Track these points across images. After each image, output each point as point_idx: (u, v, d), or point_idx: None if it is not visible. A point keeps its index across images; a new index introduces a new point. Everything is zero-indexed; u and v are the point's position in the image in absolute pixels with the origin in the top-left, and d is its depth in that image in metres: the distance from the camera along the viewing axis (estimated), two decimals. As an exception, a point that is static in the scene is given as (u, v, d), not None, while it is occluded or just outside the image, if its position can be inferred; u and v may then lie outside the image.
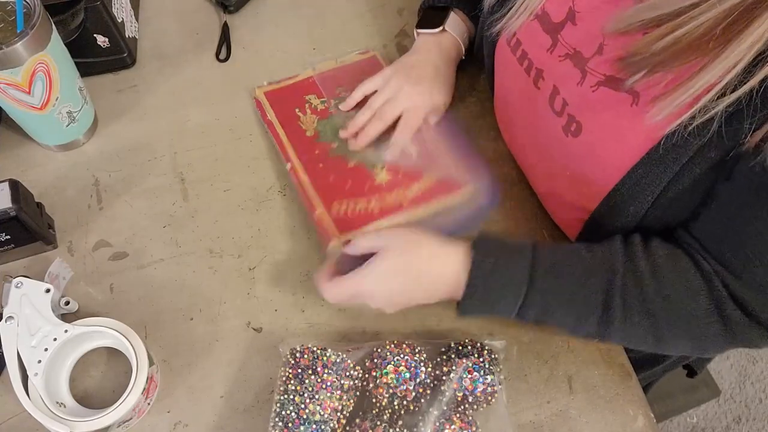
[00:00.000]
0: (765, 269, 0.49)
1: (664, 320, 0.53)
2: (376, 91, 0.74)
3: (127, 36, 0.80)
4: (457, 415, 0.56)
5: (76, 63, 0.71)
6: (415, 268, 0.58)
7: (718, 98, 0.44)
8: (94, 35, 0.76)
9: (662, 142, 0.49)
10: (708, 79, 0.43)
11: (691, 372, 0.96)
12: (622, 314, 0.54)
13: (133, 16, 0.84)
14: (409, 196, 0.69)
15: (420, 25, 0.77)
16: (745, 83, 0.42)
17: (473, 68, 0.80)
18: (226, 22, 0.86)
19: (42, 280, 0.59)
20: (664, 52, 0.44)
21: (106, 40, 0.77)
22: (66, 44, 0.68)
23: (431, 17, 0.77)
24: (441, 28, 0.75)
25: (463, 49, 0.78)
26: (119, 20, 0.79)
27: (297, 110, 0.77)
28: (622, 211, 0.56)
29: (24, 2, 0.63)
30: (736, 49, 0.40)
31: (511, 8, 0.61)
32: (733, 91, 0.43)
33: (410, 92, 0.72)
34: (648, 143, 0.51)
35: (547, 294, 0.56)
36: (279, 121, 0.76)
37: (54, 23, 0.65)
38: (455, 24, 0.76)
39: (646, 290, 0.54)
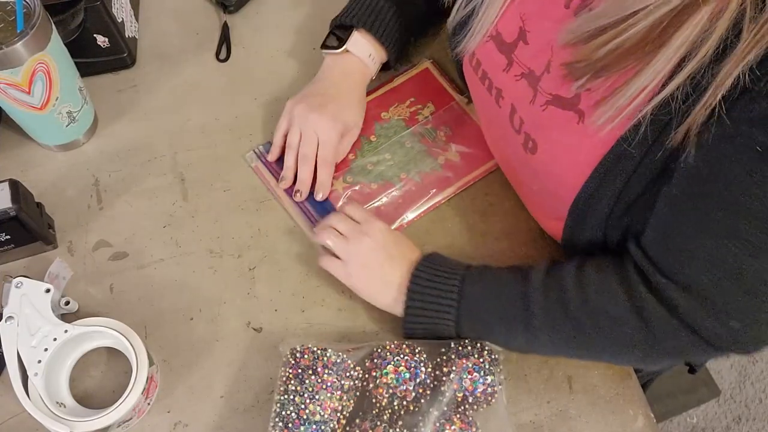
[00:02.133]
0: (698, 274, 0.49)
1: (586, 326, 0.54)
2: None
3: (127, 36, 0.80)
4: (457, 416, 0.56)
5: (76, 63, 0.71)
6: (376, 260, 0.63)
7: (648, 102, 0.46)
8: (94, 35, 0.76)
9: (606, 156, 0.51)
10: (642, 81, 0.45)
11: (692, 369, 0.96)
12: (544, 318, 0.55)
13: (133, 16, 0.84)
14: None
15: (323, 44, 0.76)
16: (667, 86, 0.45)
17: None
18: (226, 22, 0.86)
19: (42, 280, 0.59)
20: (606, 58, 0.46)
21: (106, 40, 0.77)
22: (66, 44, 0.68)
23: (336, 37, 0.76)
24: (342, 48, 0.74)
25: (372, 70, 0.77)
26: (119, 20, 0.78)
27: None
28: (586, 223, 0.57)
29: (24, 2, 0.63)
30: (666, 52, 0.43)
31: (470, 29, 0.62)
32: (658, 94, 0.45)
33: (317, 120, 0.71)
34: (596, 158, 0.52)
35: (475, 302, 0.58)
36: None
37: (54, 23, 0.65)
38: (359, 44, 0.74)
39: (566, 296, 0.55)
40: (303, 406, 0.54)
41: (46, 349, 0.56)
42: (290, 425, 0.54)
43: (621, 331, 0.53)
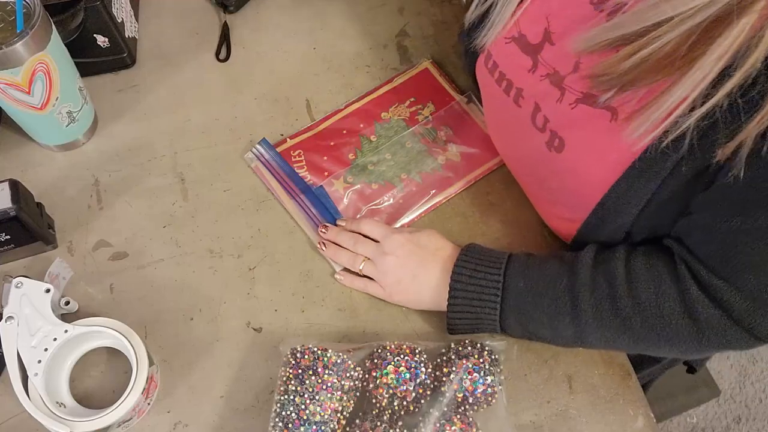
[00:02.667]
0: (755, 278, 0.50)
1: (635, 321, 0.54)
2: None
3: (127, 36, 0.80)
4: (458, 416, 0.56)
5: (76, 63, 0.71)
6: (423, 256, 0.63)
7: (690, 112, 0.44)
8: (94, 35, 0.76)
9: (641, 158, 0.50)
10: (680, 94, 0.43)
11: (691, 369, 0.96)
12: (593, 312, 0.55)
13: (133, 16, 0.84)
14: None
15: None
16: (713, 97, 0.43)
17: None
18: (226, 22, 0.86)
19: (42, 280, 0.59)
20: (632, 72, 0.45)
21: (106, 40, 0.77)
22: (66, 44, 0.68)
23: None
24: None
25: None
26: (119, 20, 0.78)
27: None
28: (609, 223, 0.57)
29: (24, 2, 0.63)
30: (703, 65, 0.41)
31: (489, 21, 0.62)
32: (702, 104, 0.43)
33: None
34: (630, 158, 0.51)
35: (520, 296, 0.58)
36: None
37: (54, 23, 0.65)
38: None
39: (616, 292, 0.55)
40: (303, 407, 0.54)
41: (46, 349, 0.56)
42: (290, 425, 0.54)
43: (671, 327, 0.54)
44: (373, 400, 0.57)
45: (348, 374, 0.57)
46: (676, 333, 0.54)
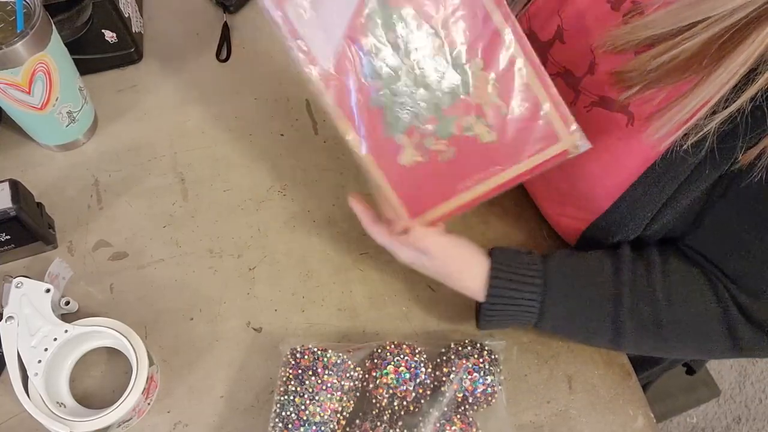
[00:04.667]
0: None
1: (673, 338, 0.54)
2: None
3: (133, 31, 0.80)
4: (458, 416, 0.56)
5: (83, 60, 0.71)
6: (445, 274, 0.58)
7: (711, 115, 0.44)
8: (102, 31, 0.76)
9: (658, 162, 0.50)
10: (703, 96, 0.43)
11: (690, 370, 0.96)
12: (632, 327, 0.54)
13: (138, 12, 0.85)
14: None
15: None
16: (735, 101, 0.42)
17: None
18: (226, 22, 0.86)
19: (42, 280, 0.59)
20: (659, 70, 0.44)
21: (114, 35, 0.77)
22: (74, 41, 0.68)
23: None
24: None
25: None
26: (126, 15, 0.79)
27: None
28: (621, 227, 0.56)
29: (24, 2, 0.63)
30: (729, 66, 0.41)
31: None
32: (725, 107, 0.43)
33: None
34: (645, 163, 0.51)
35: (559, 315, 0.56)
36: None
37: (61, 20, 0.66)
38: None
39: (657, 308, 0.54)
40: (303, 407, 0.54)
41: (46, 349, 0.56)
42: (290, 426, 0.54)
43: (709, 341, 0.54)
44: (373, 400, 0.57)
45: (348, 374, 0.57)
46: (712, 347, 0.54)
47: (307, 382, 0.55)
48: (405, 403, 0.56)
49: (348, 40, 0.50)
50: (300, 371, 0.56)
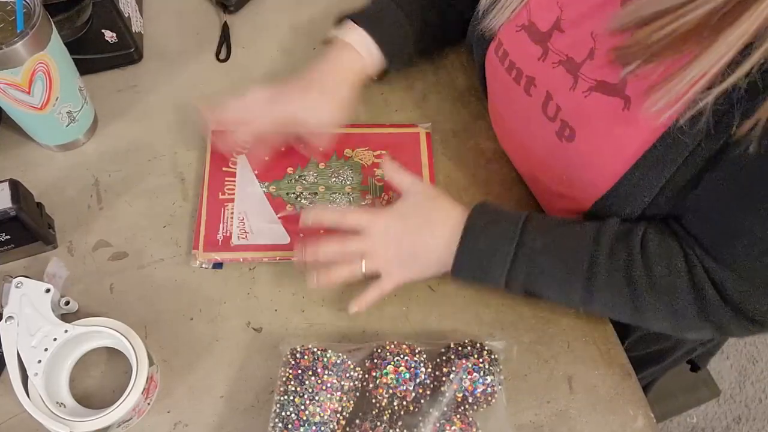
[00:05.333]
0: (750, 260, 0.50)
1: (645, 291, 0.55)
2: None
3: (133, 31, 0.80)
4: (457, 416, 0.56)
5: (83, 59, 0.71)
6: (425, 216, 0.62)
7: (708, 89, 0.45)
8: (102, 30, 0.76)
9: (656, 144, 0.50)
10: (701, 68, 0.44)
11: (694, 367, 0.96)
12: (606, 277, 0.55)
13: (138, 12, 0.84)
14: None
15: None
16: (731, 75, 0.43)
17: (472, 69, 0.80)
18: (226, 22, 0.86)
19: (41, 280, 0.59)
20: (661, 42, 0.45)
21: (114, 35, 0.77)
22: (74, 41, 0.68)
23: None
24: (335, 36, 0.71)
25: (367, 61, 0.71)
26: (126, 15, 0.79)
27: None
28: (618, 211, 0.57)
29: (24, 2, 0.63)
30: (728, 38, 0.42)
31: (496, 6, 0.62)
32: (721, 82, 0.44)
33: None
34: (643, 146, 0.51)
35: (536, 252, 0.57)
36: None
37: (61, 20, 0.66)
38: (351, 32, 0.71)
39: (631, 260, 0.55)
40: (303, 407, 0.54)
41: (46, 349, 0.56)
42: (290, 426, 0.54)
43: (677, 303, 0.54)
44: (373, 400, 0.57)
45: (348, 374, 0.57)
46: (680, 309, 0.54)
47: (306, 383, 0.55)
48: (405, 403, 0.56)
49: (282, 220, 0.70)
50: (300, 371, 0.56)
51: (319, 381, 0.55)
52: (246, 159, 0.73)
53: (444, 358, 0.59)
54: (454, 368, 0.57)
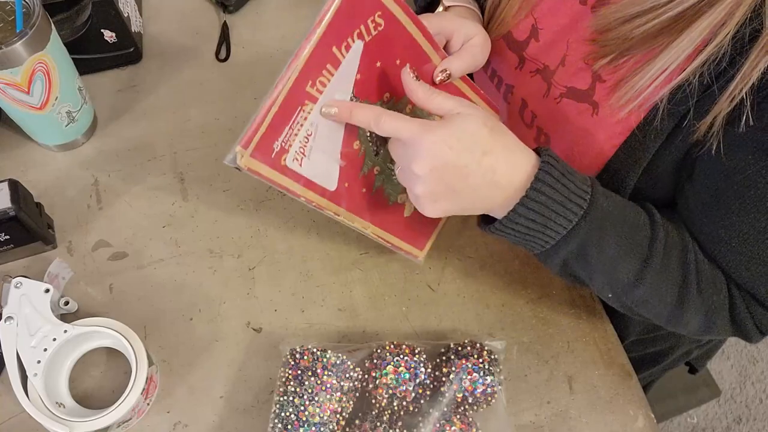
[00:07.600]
0: (747, 272, 0.51)
1: (695, 285, 0.52)
2: None
3: (133, 31, 0.80)
4: (457, 416, 0.56)
5: (83, 59, 0.71)
6: (490, 145, 0.48)
7: (667, 84, 0.47)
8: (101, 30, 0.76)
9: (621, 147, 0.52)
10: (664, 63, 0.46)
11: (693, 369, 0.96)
12: (664, 259, 0.51)
13: (138, 11, 0.84)
14: None
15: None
16: (685, 69, 0.45)
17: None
18: (225, 21, 0.86)
19: (41, 280, 0.59)
20: (640, 35, 0.47)
21: (113, 35, 0.77)
22: (73, 41, 0.68)
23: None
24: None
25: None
26: (125, 15, 0.79)
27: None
28: None
29: (23, 2, 0.63)
30: (690, 34, 0.44)
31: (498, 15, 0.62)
32: (678, 75, 0.46)
33: None
34: (612, 149, 0.53)
35: (605, 215, 0.50)
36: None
37: (61, 20, 0.66)
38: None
39: (685, 250, 0.53)
40: (302, 408, 0.54)
41: (45, 350, 0.56)
42: (289, 426, 0.54)
43: (715, 317, 0.54)
44: (373, 401, 0.57)
45: (347, 375, 0.57)
46: (719, 325, 0.54)
47: (306, 383, 0.55)
48: (405, 403, 0.56)
49: (343, 158, 0.55)
50: (299, 372, 0.56)
51: (319, 381, 0.55)
52: (361, 49, 0.52)
53: (444, 358, 0.59)
54: (454, 368, 0.57)
